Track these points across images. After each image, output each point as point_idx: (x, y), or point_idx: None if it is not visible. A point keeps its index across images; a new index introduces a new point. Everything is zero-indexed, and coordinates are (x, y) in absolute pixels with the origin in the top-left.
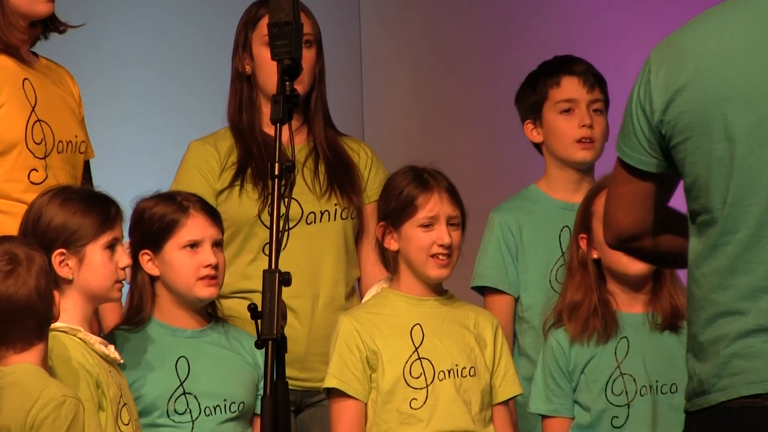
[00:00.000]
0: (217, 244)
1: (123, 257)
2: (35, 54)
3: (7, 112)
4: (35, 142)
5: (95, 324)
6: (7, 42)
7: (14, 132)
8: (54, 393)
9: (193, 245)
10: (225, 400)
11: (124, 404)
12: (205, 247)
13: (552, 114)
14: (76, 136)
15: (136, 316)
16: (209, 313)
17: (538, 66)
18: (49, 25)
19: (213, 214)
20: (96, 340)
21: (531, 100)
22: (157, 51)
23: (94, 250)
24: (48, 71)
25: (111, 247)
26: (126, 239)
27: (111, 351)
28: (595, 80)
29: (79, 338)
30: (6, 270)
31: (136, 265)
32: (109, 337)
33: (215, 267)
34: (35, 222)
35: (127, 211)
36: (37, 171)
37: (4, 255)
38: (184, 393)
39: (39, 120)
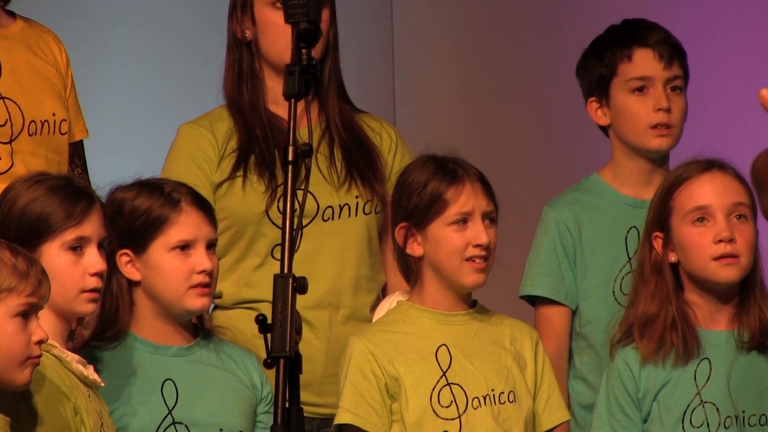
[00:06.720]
0: (211, 246)
1: (93, 260)
2: (11, 14)
3: None
4: None
5: (81, 341)
6: None
7: None
8: None
9: (185, 246)
10: (221, 430)
11: None
12: (199, 249)
13: (621, 93)
14: (54, 115)
15: (109, 330)
16: (194, 325)
17: (605, 31)
18: None
19: (207, 209)
20: (74, 358)
21: (596, 73)
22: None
23: (51, 251)
24: (24, 36)
25: (77, 248)
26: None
27: (90, 372)
28: (673, 52)
29: (54, 355)
30: None
31: (111, 267)
32: (84, 356)
33: (209, 273)
34: None
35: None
36: None
37: None
38: (174, 423)
39: (2, 97)
